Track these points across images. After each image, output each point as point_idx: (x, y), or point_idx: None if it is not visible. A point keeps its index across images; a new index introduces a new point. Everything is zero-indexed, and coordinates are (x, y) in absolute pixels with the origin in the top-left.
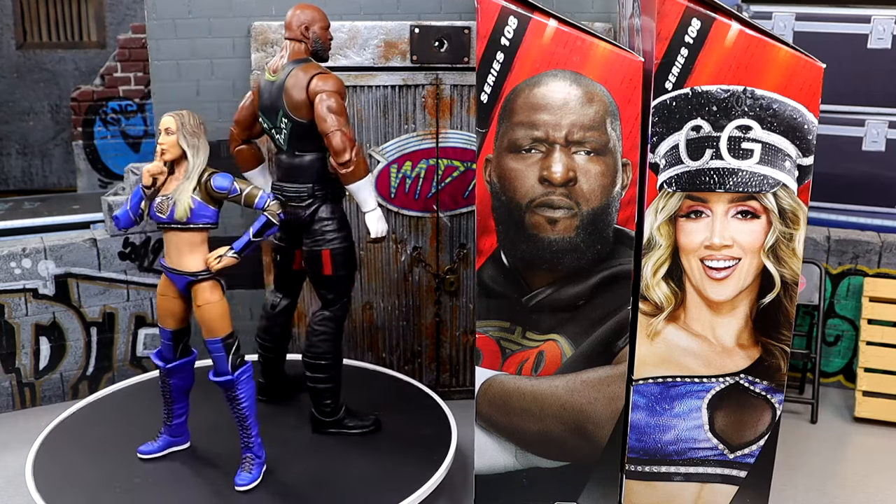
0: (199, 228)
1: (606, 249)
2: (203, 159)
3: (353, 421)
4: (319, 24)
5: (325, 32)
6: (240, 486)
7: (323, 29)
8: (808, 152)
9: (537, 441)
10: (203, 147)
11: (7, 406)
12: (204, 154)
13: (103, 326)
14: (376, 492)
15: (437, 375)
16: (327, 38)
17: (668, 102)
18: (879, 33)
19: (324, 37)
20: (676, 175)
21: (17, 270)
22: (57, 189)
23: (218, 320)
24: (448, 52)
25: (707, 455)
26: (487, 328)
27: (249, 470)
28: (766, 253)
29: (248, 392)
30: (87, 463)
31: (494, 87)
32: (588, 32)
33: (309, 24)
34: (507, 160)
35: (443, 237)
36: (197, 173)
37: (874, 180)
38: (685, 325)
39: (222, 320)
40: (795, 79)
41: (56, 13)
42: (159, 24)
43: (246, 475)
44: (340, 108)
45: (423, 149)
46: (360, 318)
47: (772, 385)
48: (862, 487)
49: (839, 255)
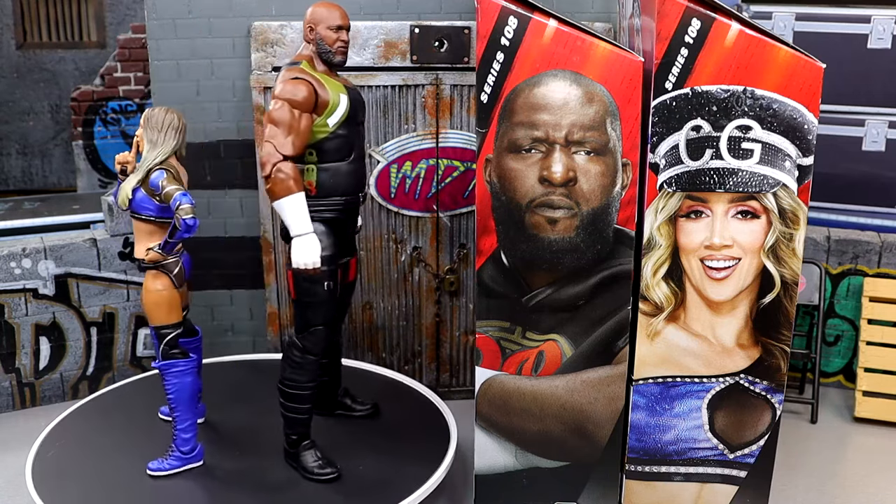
0: (142, 219)
1: (606, 249)
2: (158, 155)
3: (314, 463)
4: (325, 24)
5: (330, 33)
6: (148, 469)
7: (329, 29)
8: (808, 152)
9: (537, 441)
10: (162, 143)
11: (7, 406)
12: (161, 150)
13: (103, 326)
14: (376, 492)
15: (437, 375)
16: (334, 40)
17: (668, 102)
18: (879, 33)
19: (328, 38)
20: (676, 175)
21: (17, 270)
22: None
23: (154, 308)
24: (448, 52)
25: (707, 455)
26: (487, 328)
27: (164, 458)
28: (766, 253)
29: (177, 386)
30: (87, 463)
31: (494, 87)
32: (588, 32)
33: (314, 23)
34: (507, 160)
35: (443, 237)
36: (146, 167)
37: (874, 180)
38: (685, 325)
39: (158, 309)
40: (795, 79)
41: (56, 13)
42: (159, 24)
43: (158, 461)
44: (281, 116)
45: (423, 149)
46: (360, 318)
47: (772, 385)
48: (862, 487)
49: (839, 255)
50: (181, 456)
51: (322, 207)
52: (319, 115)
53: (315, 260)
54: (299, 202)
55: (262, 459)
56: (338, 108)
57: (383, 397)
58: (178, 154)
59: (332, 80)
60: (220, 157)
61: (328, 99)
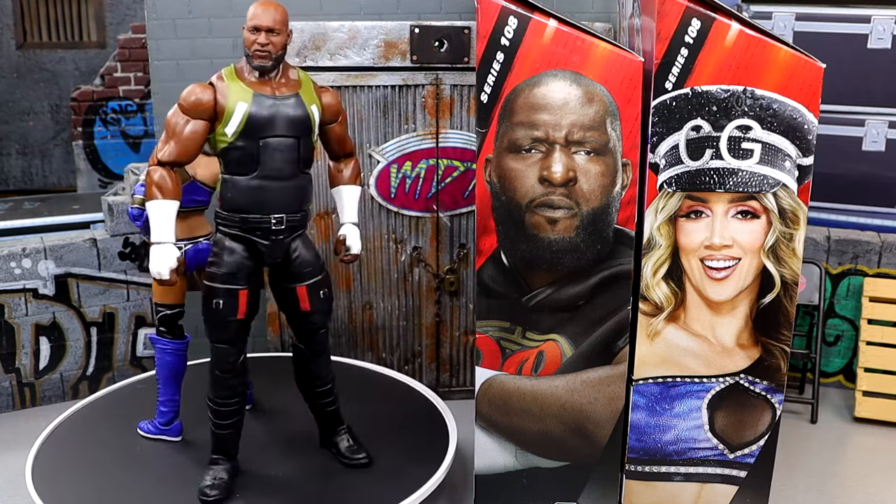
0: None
1: (606, 249)
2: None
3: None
4: (246, 25)
5: (248, 34)
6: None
7: (247, 30)
8: (808, 152)
9: (537, 441)
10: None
11: (7, 406)
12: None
13: (103, 326)
14: (376, 492)
15: (437, 375)
16: (251, 42)
17: (668, 102)
18: (879, 33)
19: (247, 40)
20: (676, 175)
21: (17, 270)
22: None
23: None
24: (448, 52)
25: (707, 455)
26: (487, 328)
27: (149, 421)
28: (766, 253)
29: (159, 363)
30: (86, 463)
31: (494, 87)
32: (588, 32)
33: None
34: (507, 160)
35: (443, 237)
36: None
37: (874, 180)
38: (685, 325)
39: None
40: (795, 79)
41: (56, 13)
42: (159, 24)
43: (145, 423)
44: (168, 119)
45: (423, 149)
46: (360, 318)
47: (772, 385)
48: (862, 487)
49: (839, 255)
50: (158, 426)
51: (225, 221)
52: (220, 122)
53: (161, 271)
54: (160, 209)
55: (262, 459)
56: (232, 117)
57: (383, 397)
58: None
59: (242, 88)
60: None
61: (225, 106)
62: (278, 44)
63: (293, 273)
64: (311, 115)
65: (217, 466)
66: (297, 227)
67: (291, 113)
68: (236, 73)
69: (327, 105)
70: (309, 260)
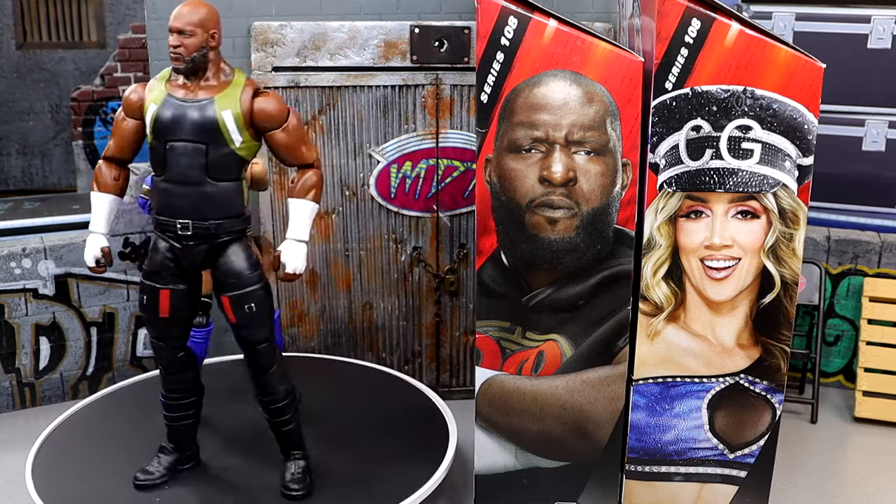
0: None
1: (606, 249)
2: None
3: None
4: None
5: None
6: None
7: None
8: (808, 152)
9: (537, 441)
10: None
11: (7, 406)
12: None
13: (103, 326)
14: (376, 492)
15: (437, 375)
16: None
17: (668, 102)
18: (879, 33)
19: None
20: (676, 175)
21: (17, 270)
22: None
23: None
24: (448, 52)
25: (707, 455)
26: (487, 328)
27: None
28: (766, 253)
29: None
30: (86, 463)
31: (494, 87)
32: (588, 32)
33: None
34: (507, 160)
35: (443, 237)
36: None
37: (874, 180)
38: (685, 325)
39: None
40: (795, 79)
41: (56, 13)
42: (159, 24)
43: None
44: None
45: (423, 149)
46: (360, 318)
47: (772, 385)
48: (862, 487)
49: (839, 255)
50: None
51: (153, 220)
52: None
53: (86, 259)
54: (93, 201)
55: (262, 459)
56: (146, 118)
57: (383, 397)
58: None
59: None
60: None
61: (145, 107)
62: (190, 46)
63: (218, 282)
64: (221, 121)
65: (161, 455)
66: (210, 235)
67: (197, 117)
68: (171, 73)
69: (259, 111)
70: (234, 271)
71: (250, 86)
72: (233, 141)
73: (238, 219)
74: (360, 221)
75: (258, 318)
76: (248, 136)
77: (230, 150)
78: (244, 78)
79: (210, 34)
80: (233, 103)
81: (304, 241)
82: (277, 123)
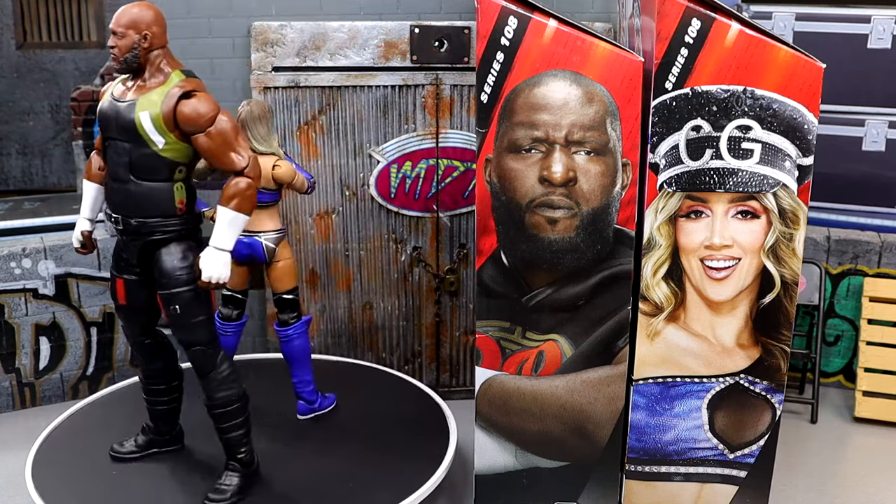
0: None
1: (606, 249)
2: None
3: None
4: None
5: None
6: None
7: None
8: (808, 152)
9: (537, 441)
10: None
11: (7, 406)
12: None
13: (103, 326)
14: (376, 492)
15: (437, 375)
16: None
17: (668, 102)
18: (879, 33)
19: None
20: (676, 175)
21: (17, 270)
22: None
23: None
24: (448, 52)
25: (707, 455)
26: (487, 328)
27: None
28: (766, 253)
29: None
30: (86, 463)
31: (494, 87)
32: (588, 32)
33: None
34: (507, 160)
35: (443, 237)
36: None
37: (874, 180)
38: (685, 325)
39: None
40: (795, 79)
41: (56, 13)
42: None
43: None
44: None
45: (423, 149)
46: (360, 318)
47: (772, 385)
48: (862, 487)
49: (839, 255)
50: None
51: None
52: None
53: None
54: (83, 188)
55: (262, 458)
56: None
57: (383, 396)
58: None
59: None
60: None
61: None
62: (122, 47)
63: (155, 278)
64: (139, 123)
65: (140, 434)
66: (141, 233)
67: (121, 117)
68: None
69: (180, 114)
70: (163, 270)
71: (181, 88)
72: (153, 143)
73: (171, 219)
74: (360, 221)
75: (183, 321)
76: (174, 138)
77: (152, 151)
78: (179, 79)
79: (142, 35)
80: (153, 105)
81: (222, 249)
82: (199, 127)
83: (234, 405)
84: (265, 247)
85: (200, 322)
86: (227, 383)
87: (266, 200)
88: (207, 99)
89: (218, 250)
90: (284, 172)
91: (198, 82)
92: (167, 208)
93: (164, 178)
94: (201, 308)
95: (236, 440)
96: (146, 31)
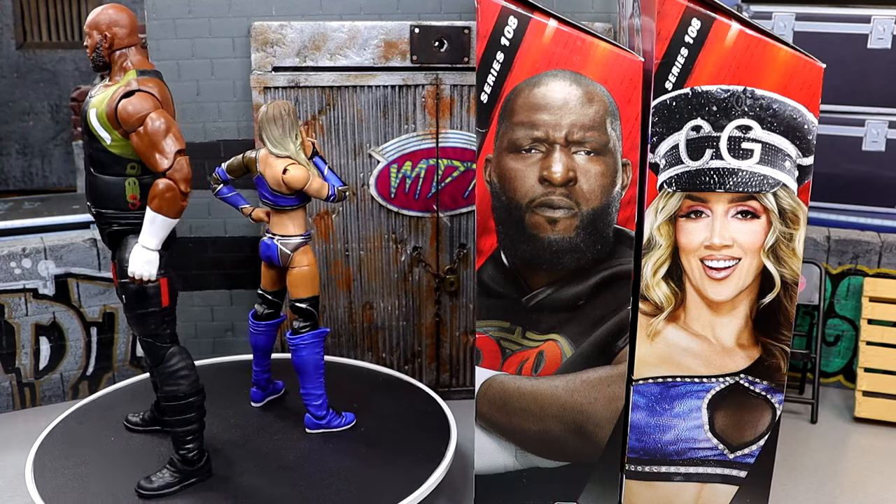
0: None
1: (606, 249)
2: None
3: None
4: None
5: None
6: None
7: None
8: (808, 152)
9: (537, 441)
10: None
11: (7, 406)
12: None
13: (103, 326)
14: (376, 492)
15: (437, 375)
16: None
17: (668, 102)
18: (879, 33)
19: None
20: (676, 175)
21: (17, 270)
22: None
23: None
24: (448, 52)
25: (707, 455)
26: (487, 328)
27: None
28: (766, 253)
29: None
30: (86, 463)
31: (494, 87)
32: (588, 32)
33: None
34: (507, 160)
35: (443, 237)
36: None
37: (874, 180)
38: (685, 325)
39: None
40: (795, 79)
41: (56, 13)
42: (159, 24)
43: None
44: None
45: (423, 149)
46: (360, 318)
47: (772, 385)
48: (862, 487)
49: (839, 255)
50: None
51: None
52: None
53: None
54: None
55: (262, 458)
56: None
57: (383, 396)
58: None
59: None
60: (220, 157)
61: None
62: (89, 46)
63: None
64: (89, 119)
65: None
66: (108, 221)
67: (83, 112)
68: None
69: (119, 111)
70: (118, 260)
71: (125, 87)
72: (102, 139)
73: (124, 212)
74: (360, 221)
75: (130, 311)
76: (118, 135)
77: (102, 146)
78: (130, 78)
79: (104, 35)
80: (100, 103)
81: (147, 247)
82: (131, 126)
83: (179, 401)
84: (280, 251)
85: (145, 315)
86: (173, 378)
87: (283, 204)
88: (145, 98)
89: (143, 248)
90: (292, 177)
91: (155, 81)
92: (120, 202)
93: (117, 172)
94: (148, 301)
95: (180, 436)
96: (107, 31)
